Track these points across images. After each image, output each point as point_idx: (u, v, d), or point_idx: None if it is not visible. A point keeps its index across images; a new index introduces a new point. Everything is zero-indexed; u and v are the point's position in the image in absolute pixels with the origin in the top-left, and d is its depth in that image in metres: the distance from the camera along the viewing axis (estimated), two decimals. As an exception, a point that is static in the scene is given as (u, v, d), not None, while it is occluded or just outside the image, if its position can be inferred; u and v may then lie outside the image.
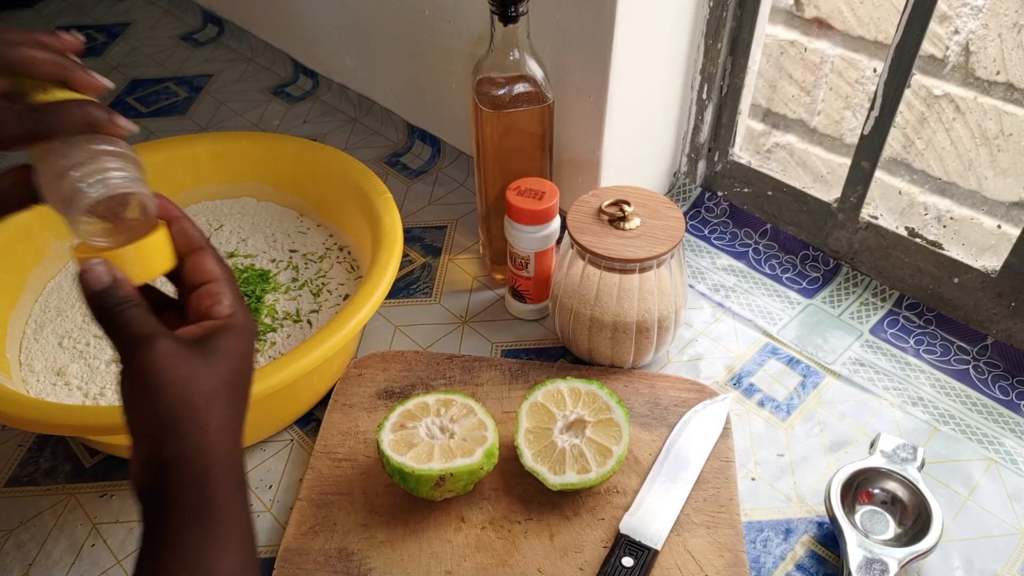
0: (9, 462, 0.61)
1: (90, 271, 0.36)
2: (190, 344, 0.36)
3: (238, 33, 1.15)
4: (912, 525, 0.52)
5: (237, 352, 0.37)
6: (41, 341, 0.64)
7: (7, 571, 0.54)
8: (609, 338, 0.62)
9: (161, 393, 0.34)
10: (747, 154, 0.78)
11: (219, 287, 0.39)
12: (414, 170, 0.91)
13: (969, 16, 0.63)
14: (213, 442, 0.35)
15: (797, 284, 0.73)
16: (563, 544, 0.53)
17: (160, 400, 0.34)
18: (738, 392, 0.64)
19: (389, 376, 0.65)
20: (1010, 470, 0.58)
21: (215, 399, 0.35)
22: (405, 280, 0.76)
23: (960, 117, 0.66)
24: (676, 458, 0.57)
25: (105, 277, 0.36)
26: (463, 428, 0.55)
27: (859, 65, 0.71)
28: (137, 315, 0.35)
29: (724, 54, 0.72)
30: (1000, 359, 0.65)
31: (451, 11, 0.76)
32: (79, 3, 1.32)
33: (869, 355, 0.66)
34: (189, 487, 0.34)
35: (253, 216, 0.77)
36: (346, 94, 1.00)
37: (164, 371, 0.34)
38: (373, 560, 0.52)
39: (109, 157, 0.36)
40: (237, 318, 0.38)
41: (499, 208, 0.68)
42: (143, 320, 0.35)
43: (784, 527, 0.55)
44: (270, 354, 0.64)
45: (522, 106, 0.63)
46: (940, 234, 0.68)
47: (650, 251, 0.58)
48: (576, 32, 0.65)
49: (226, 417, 0.36)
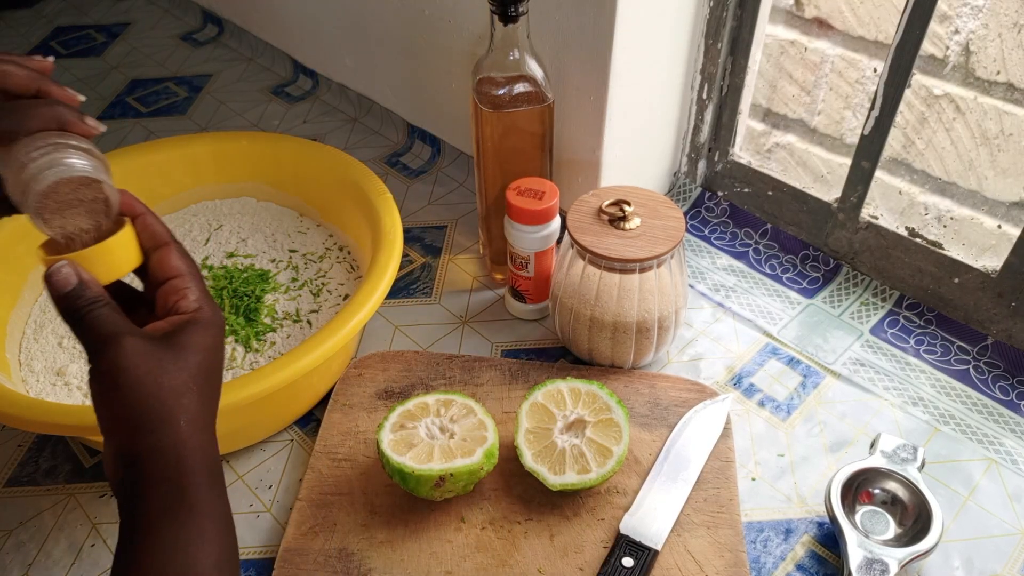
0: (9, 462, 0.61)
1: (56, 273, 0.36)
2: (157, 340, 0.36)
3: (238, 33, 1.15)
4: (912, 525, 0.52)
5: (204, 346, 0.37)
6: (41, 341, 0.64)
7: (7, 571, 0.54)
8: (609, 338, 0.62)
9: (129, 390, 0.34)
10: (747, 154, 0.78)
11: (185, 282, 0.39)
12: (414, 170, 0.91)
13: (969, 16, 0.63)
14: (184, 435, 0.35)
15: (797, 284, 0.73)
16: (563, 544, 0.53)
17: (128, 397, 0.34)
18: (738, 392, 0.64)
19: (389, 376, 0.64)
20: (1010, 470, 0.58)
21: (184, 393, 0.36)
22: (405, 280, 0.76)
23: (960, 117, 0.66)
24: (676, 458, 0.57)
25: (72, 278, 0.36)
26: (463, 428, 0.55)
27: (859, 65, 0.71)
28: (104, 315, 0.36)
29: (724, 54, 0.72)
30: (1000, 359, 0.65)
31: (451, 11, 0.76)
32: (79, 3, 1.32)
33: (869, 355, 0.66)
34: (161, 480, 0.35)
35: (253, 216, 0.77)
36: (346, 94, 1.00)
37: (131, 368, 0.34)
38: (373, 560, 0.52)
39: (72, 150, 0.36)
40: (203, 312, 0.38)
41: (499, 208, 0.68)
42: (110, 320, 0.36)
43: (784, 527, 0.55)
44: (270, 354, 0.64)
45: (522, 106, 0.63)
46: (940, 234, 0.68)
47: (650, 251, 0.58)
48: (576, 32, 0.65)
49: (197, 410, 0.36)
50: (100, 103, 1.05)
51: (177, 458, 0.35)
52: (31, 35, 1.23)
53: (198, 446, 0.36)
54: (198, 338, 0.37)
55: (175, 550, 0.34)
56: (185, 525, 0.35)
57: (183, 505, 0.35)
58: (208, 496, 0.36)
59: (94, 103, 1.05)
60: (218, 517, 0.36)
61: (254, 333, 0.64)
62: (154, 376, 0.35)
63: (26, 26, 1.26)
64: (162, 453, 0.35)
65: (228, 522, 0.37)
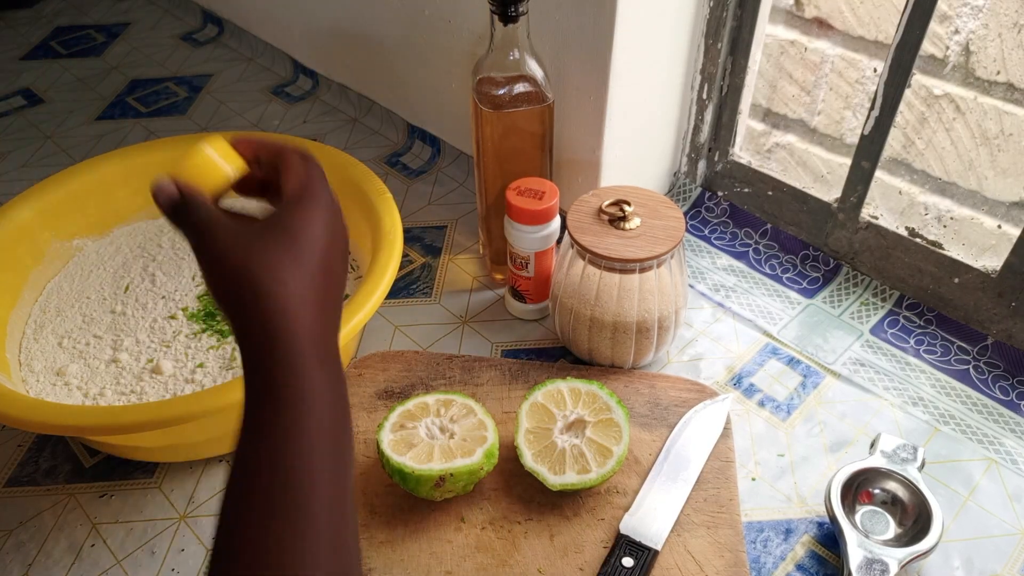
0: (9, 462, 0.61)
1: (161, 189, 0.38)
2: (253, 225, 0.37)
3: (238, 33, 1.15)
4: (912, 525, 0.52)
5: (304, 224, 0.37)
6: (41, 341, 0.64)
7: (7, 571, 0.54)
8: (609, 338, 0.62)
9: (220, 275, 0.35)
10: (747, 154, 0.78)
11: (287, 163, 0.39)
12: (414, 170, 0.91)
13: (969, 16, 0.63)
14: (278, 317, 0.34)
15: (797, 284, 0.73)
16: (563, 544, 0.53)
17: (221, 280, 0.35)
18: (738, 392, 0.64)
19: (389, 376, 0.64)
20: (1010, 470, 0.58)
21: (281, 271, 0.35)
22: (405, 280, 0.76)
23: (960, 117, 0.66)
24: (676, 458, 0.57)
25: (171, 188, 0.38)
26: (463, 428, 0.55)
27: (859, 65, 0.71)
28: (197, 211, 0.37)
29: (724, 54, 0.72)
30: (1000, 359, 0.65)
31: (451, 11, 0.76)
32: (79, 3, 1.32)
33: (869, 355, 0.66)
34: (256, 367, 0.34)
35: (253, 216, 0.77)
36: (346, 94, 1.00)
37: (220, 252, 0.36)
38: (373, 560, 0.52)
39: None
40: (303, 191, 0.38)
41: (499, 208, 0.68)
42: (202, 213, 0.37)
43: (784, 527, 0.55)
44: (270, 354, 0.64)
45: (522, 106, 0.63)
46: (940, 234, 0.68)
47: (650, 251, 0.58)
48: (576, 32, 0.65)
49: (300, 291, 0.35)
50: (100, 103, 1.05)
51: (269, 340, 0.34)
52: (31, 35, 1.23)
53: (301, 330, 0.34)
54: (297, 218, 0.37)
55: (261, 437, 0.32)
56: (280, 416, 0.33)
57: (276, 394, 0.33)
58: (313, 380, 0.34)
59: (94, 103, 1.05)
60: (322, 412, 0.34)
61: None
62: (242, 257, 0.35)
63: (26, 26, 1.26)
64: (254, 336, 0.34)
65: (337, 410, 0.35)
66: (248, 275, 0.35)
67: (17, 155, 0.96)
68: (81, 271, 0.71)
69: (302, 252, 0.36)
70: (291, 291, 0.35)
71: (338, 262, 0.39)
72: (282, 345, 0.34)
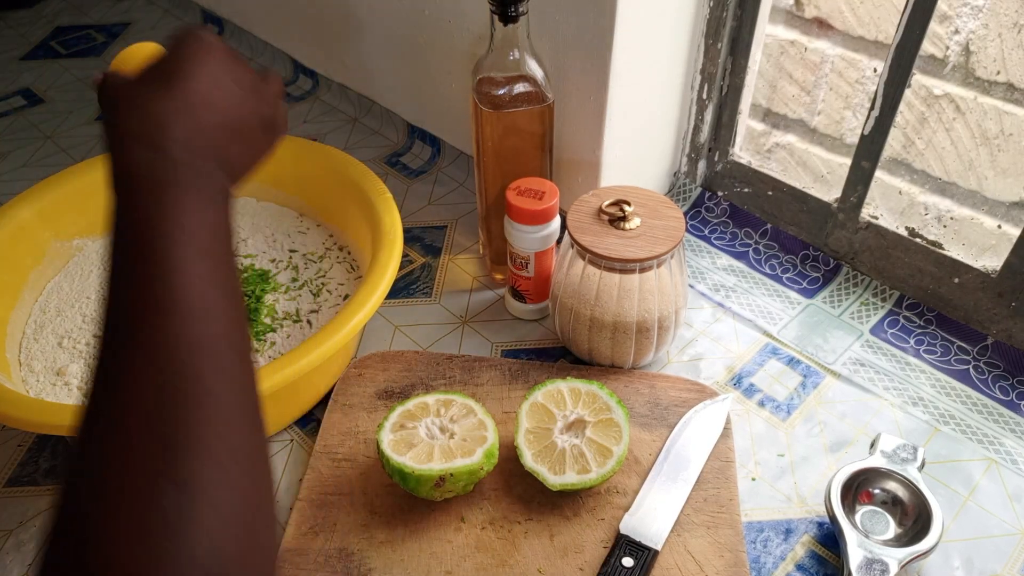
0: (9, 462, 0.61)
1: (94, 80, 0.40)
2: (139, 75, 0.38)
3: (238, 33, 1.15)
4: (912, 525, 0.52)
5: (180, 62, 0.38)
6: (41, 341, 0.64)
7: (7, 571, 0.54)
8: (609, 338, 0.62)
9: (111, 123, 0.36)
10: (747, 154, 0.78)
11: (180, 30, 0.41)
12: (414, 170, 0.91)
13: (969, 16, 0.63)
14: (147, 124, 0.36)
15: (797, 284, 0.73)
16: (563, 544, 0.53)
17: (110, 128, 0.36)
18: (738, 392, 0.64)
19: (389, 376, 0.64)
20: (1010, 470, 0.58)
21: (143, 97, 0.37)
22: (405, 280, 0.76)
23: (960, 117, 0.66)
24: (676, 458, 0.57)
25: (98, 76, 0.40)
26: (463, 428, 0.55)
27: (859, 65, 0.71)
28: (111, 77, 0.39)
29: (724, 54, 0.72)
30: (1000, 359, 0.65)
31: (451, 11, 0.76)
32: (79, 3, 1.32)
33: (869, 355, 0.66)
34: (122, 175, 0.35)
35: (253, 216, 0.77)
36: (346, 94, 1.00)
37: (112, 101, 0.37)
38: (373, 560, 0.52)
39: None
40: (175, 41, 0.40)
41: (499, 208, 0.68)
42: (110, 81, 0.39)
43: (784, 527, 0.55)
44: (270, 354, 0.64)
45: (522, 106, 0.63)
46: (940, 234, 0.68)
47: (650, 251, 0.58)
48: (576, 32, 0.65)
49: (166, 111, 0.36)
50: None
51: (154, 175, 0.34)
52: (31, 35, 1.23)
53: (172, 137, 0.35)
54: (173, 62, 0.38)
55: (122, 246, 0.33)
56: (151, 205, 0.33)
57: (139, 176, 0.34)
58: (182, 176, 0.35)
59: (94, 103, 1.05)
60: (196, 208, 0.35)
61: (254, 333, 0.64)
62: (128, 104, 0.36)
63: (26, 26, 1.26)
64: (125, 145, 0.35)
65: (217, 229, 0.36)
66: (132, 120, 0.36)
67: (17, 155, 0.96)
68: (81, 271, 0.71)
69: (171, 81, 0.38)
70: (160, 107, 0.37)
71: (217, 91, 0.39)
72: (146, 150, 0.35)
